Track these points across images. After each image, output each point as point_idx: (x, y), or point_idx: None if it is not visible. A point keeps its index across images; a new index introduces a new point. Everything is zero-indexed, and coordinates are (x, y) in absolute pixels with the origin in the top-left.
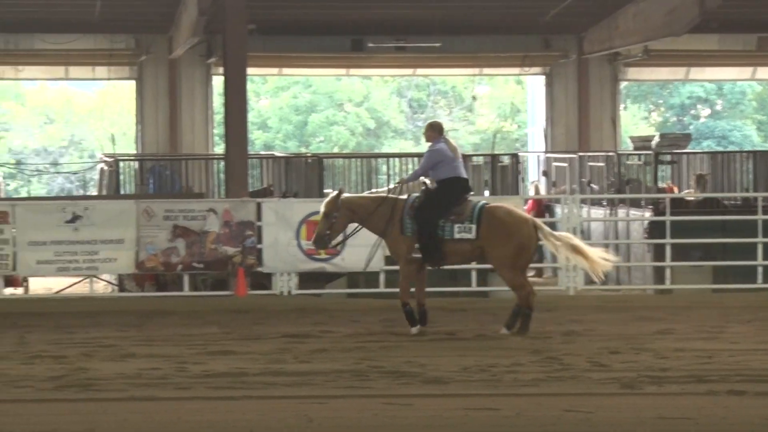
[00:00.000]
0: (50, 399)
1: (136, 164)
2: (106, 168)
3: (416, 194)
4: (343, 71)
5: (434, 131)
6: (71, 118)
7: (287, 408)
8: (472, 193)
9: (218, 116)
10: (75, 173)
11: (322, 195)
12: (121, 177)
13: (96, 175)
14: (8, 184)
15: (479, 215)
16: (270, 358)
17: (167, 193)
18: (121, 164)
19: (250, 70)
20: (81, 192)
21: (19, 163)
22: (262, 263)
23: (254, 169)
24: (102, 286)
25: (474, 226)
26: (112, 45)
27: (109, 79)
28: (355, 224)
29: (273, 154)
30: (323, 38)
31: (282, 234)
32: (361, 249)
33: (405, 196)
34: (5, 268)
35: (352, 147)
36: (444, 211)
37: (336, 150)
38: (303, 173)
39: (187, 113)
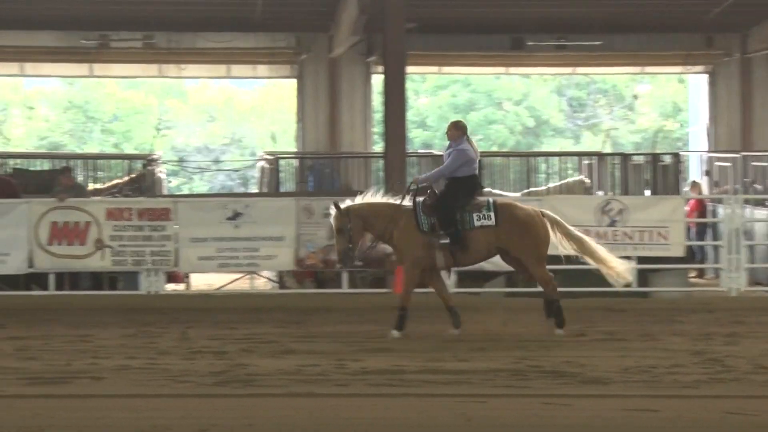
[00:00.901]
0: (210, 394)
1: (296, 162)
2: (266, 166)
3: (422, 198)
4: (502, 69)
5: (459, 130)
6: (233, 116)
7: (445, 406)
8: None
9: (377, 115)
10: (236, 171)
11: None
12: (282, 175)
13: (257, 173)
14: (170, 182)
15: (495, 207)
16: (428, 355)
17: (327, 190)
18: (282, 162)
19: (409, 69)
20: (242, 189)
21: (181, 160)
22: None
23: (412, 168)
24: (262, 283)
25: (492, 214)
26: (274, 43)
27: (270, 77)
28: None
29: (431, 153)
30: (483, 36)
31: None
32: None
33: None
34: (167, 265)
35: (511, 146)
36: (461, 206)
37: (494, 149)
38: None
39: (346, 111)
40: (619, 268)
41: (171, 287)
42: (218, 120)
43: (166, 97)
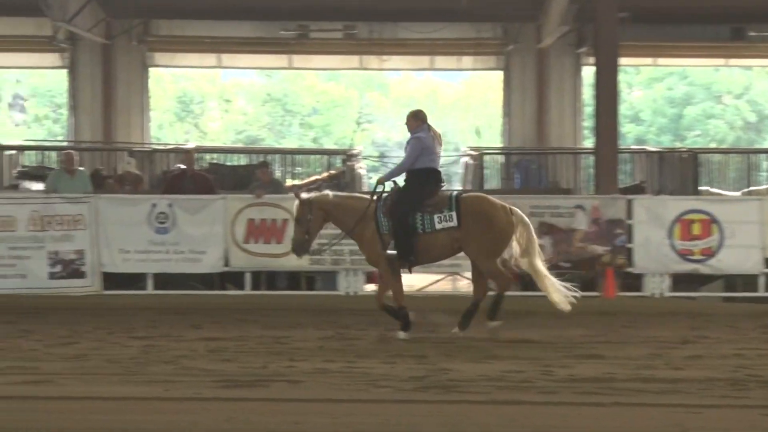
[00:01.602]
0: (410, 400)
1: (502, 158)
2: (470, 162)
3: (387, 193)
4: (721, 61)
5: (417, 120)
6: (435, 109)
7: (658, 416)
8: (443, 184)
9: (587, 108)
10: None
11: (697, 192)
12: (486, 171)
13: (460, 169)
14: (370, 178)
15: (457, 203)
16: (640, 363)
17: (533, 188)
18: (486, 158)
19: (622, 60)
20: (445, 186)
21: (382, 155)
22: (632, 263)
23: (625, 164)
24: (465, 284)
25: (454, 214)
26: (479, 34)
27: (474, 69)
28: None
29: (645, 149)
30: (700, 26)
31: (654, 233)
32: (741, 250)
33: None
34: (366, 264)
35: (731, 142)
36: (417, 204)
37: (713, 145)
38: (677, 169)
39: (555, 105)
40: (556, 296)
41: (370, 288)
42: None
43: (366, 90)
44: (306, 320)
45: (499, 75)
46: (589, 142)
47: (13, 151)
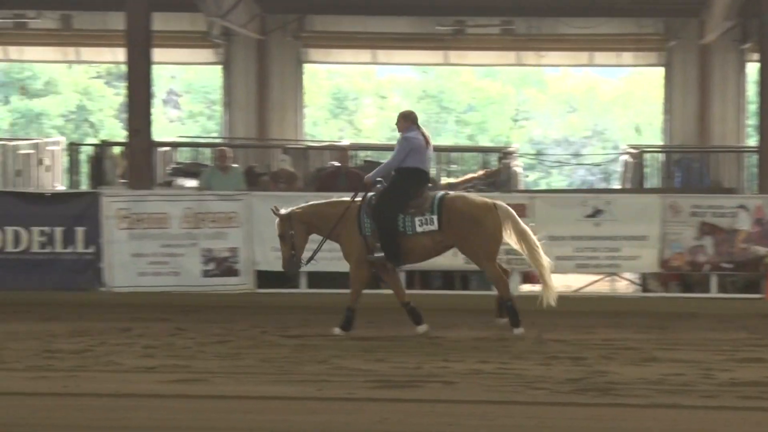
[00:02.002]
0: (567, 402)
1: (662, 156)
2: (630, 160)
3: (372, 193)
4: None
5: (407, 121)
6: (594, 106)
7: None
8: (431, 185)
9: (752, 106)
10: (597, 165)
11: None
12: (646, 170)
13: (619, 168)
14: (527, 176)
15: (439, 206)
16: None
17: (695, 187)
18: (646, 156)
19: None
20: (603, 185)
21: (539, 153)
22: None
23: None
24: (623, 285)
25: (435, 217)
26: (640, 30)
27: (635, 65)
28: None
29: None
30: None
31: None
32: None
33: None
34: (523, 264)
35: None
36: (402, 205)
37: None
38: None
39: (717, 102)
40: (552, 290)
41: (526, 288)
42: (579, 111)
43: (523, 87)
44: (460, 320)
45: (660, 71)
46: (752, 141)
47: (167, 148)
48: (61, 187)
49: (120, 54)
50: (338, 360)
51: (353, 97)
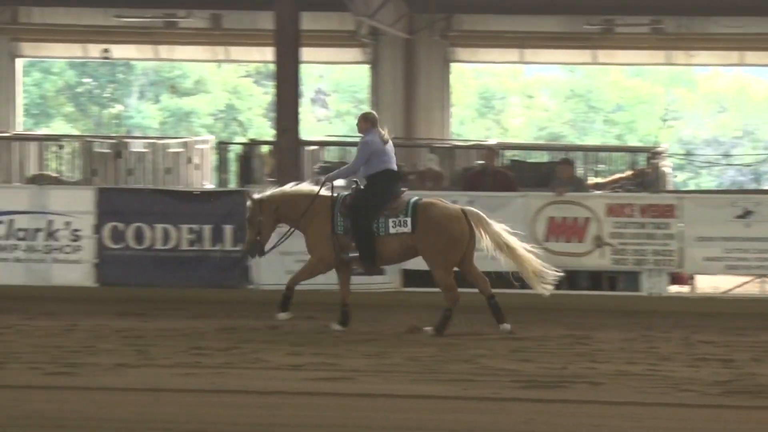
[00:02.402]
0: (715, 405)
1: None
2: None
3: (346, 193)
4: None
5: (367, 122)
6: (745, 106)
7: None
8: (404, 189)
9: None
10: (747, 166)
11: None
12: None
13: None
14: (675, 176)
15: (414, 209)
16: None
17: None
18: None
19: None
20: (753, 186)
21: (688, 154)
22: None
23: None
24: None
25: (409, 219)
26: None
27: None
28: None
29: None
30: None
31: None
32: None
33: (334, 194)
34: (671, 265)
35: None
36: (379, 207)
37: None
38: None
39: None
40: (544, 275)
41: (674, 289)
42: (729, 111)
43: (673, 86)
44: (608, 321)
45: None
46: None
47: (315, 147)
48: (209, 185)
49: (269, 53)
50: (484, 359)
51: (500, 97)
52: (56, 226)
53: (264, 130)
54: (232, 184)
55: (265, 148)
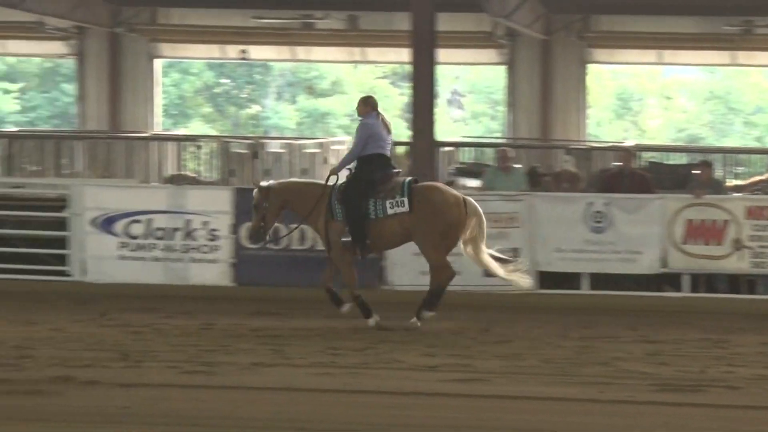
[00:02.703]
0: None
1: None
2: None
3: (342, 181)
4: None
5: (367, 106)
6: None
7: None
8: (397, 170)
9: None
10: None
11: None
12: None
13: None
14: None
15: (410, 189)
16: None
17: None
18: None
19: None
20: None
21: None
22: None
23: None
24: None
25: (406, 199)
26: None
27: None
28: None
29: None
30: None
31: None
32: None
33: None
34: None
35: None
36: (368, 188)
37: None
38: None
39: None
40: (512, 276)
41: None
42: None
43: None
44: (746, 325)
45: None
46: None
47: (450, 148)
48: None
49: (405, 54)
50: (620, 362)
51: (638, 98)
52: (194, 225)
53: (399, 131)
54: None
55: (400, 149)
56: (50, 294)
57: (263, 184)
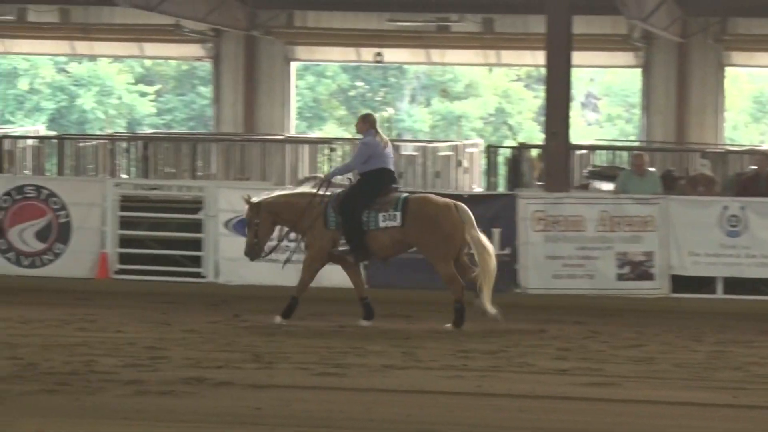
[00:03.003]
0: None
1: None
2: None
3: (340, 190)
4: None
5: (366, 123)
6: None
7: None
8: (398, 186)
9: None
10: None
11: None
12: None
13: None
14: None
15: (404, 204)
16: None
17: None
18: None
19: None
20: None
21: None
22: None
23: None
24: None
25: (399, 214)
26: None
27: None
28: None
29: None
30: None
31: None
32: None
33: (328, 192)
34: None
35: None
36: (368, 201)
37: None
38: None
39: None
40: (488, 297)
41: None
42: None
43: None
44: None
45: None
46: None
47: (584, 151)
48: (478, 188)
49: (540, 57)
50: (755, 367)
51: None
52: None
53: (533, 133)
54: (501, 188)
55: (534, 152)
56: (184, 295)
57: (254, 200)
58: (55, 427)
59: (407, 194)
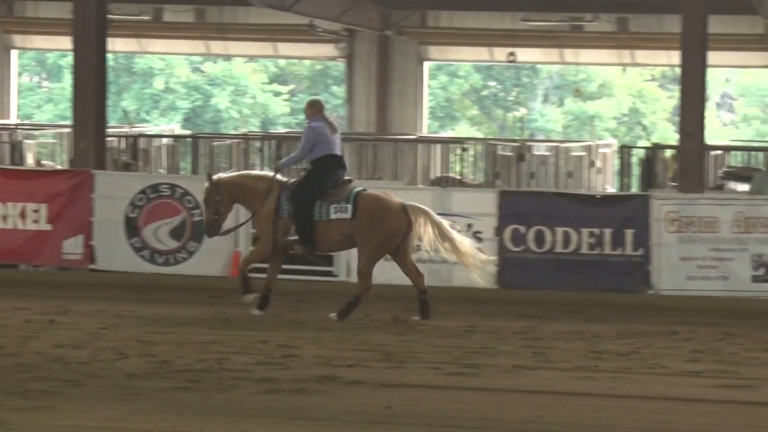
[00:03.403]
0: None
1: None
2: None
3: (294, 179)
4: None
5: (314, 109)
6: None
7: None
8: (348, 175)
9: None
10: None
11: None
12: None
13: None
14: None
15: (355, 198)
16: None
17: None
18: None
19: None
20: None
21: None
22: None
23: None
24: None
25: (350, 206)
26: None
27: None
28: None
29: None
30: None
31: None
32: None
33: (286, 179)
34: None
35: None
36: (321, 191)
37: None
38: None
39: None
40: (482, 266)
41: None
42: None
43: None
44: None
45: None
46: None
47: (719, 152)
48: (611, 189)
49: (675, 57)
50: None
51: None
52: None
53: (668, 134)
54: (634, 189)
55: (668, 153)
56: (316, 294)
57: (214, 177)
58: (189, 424)
59: (360, 189)
